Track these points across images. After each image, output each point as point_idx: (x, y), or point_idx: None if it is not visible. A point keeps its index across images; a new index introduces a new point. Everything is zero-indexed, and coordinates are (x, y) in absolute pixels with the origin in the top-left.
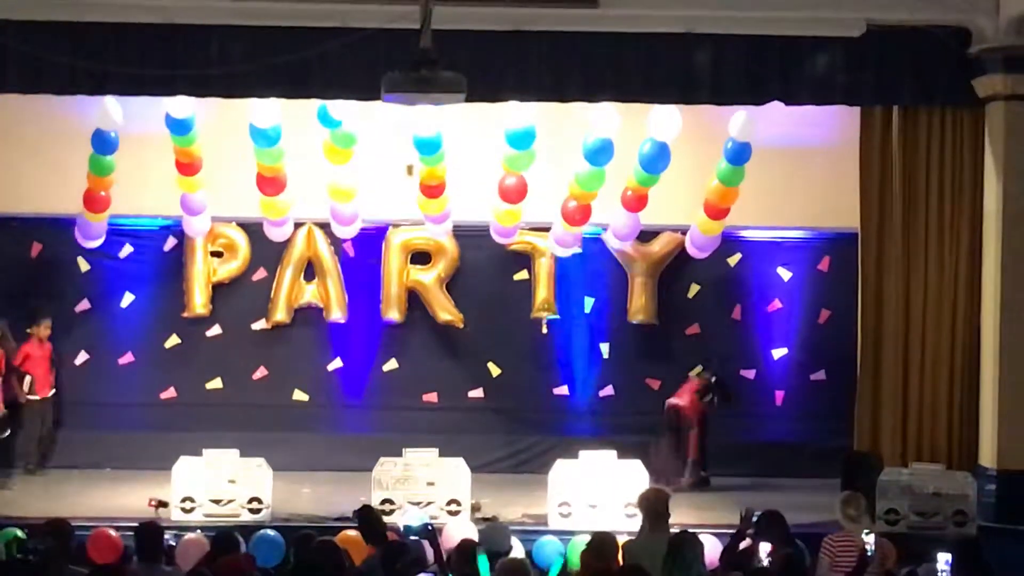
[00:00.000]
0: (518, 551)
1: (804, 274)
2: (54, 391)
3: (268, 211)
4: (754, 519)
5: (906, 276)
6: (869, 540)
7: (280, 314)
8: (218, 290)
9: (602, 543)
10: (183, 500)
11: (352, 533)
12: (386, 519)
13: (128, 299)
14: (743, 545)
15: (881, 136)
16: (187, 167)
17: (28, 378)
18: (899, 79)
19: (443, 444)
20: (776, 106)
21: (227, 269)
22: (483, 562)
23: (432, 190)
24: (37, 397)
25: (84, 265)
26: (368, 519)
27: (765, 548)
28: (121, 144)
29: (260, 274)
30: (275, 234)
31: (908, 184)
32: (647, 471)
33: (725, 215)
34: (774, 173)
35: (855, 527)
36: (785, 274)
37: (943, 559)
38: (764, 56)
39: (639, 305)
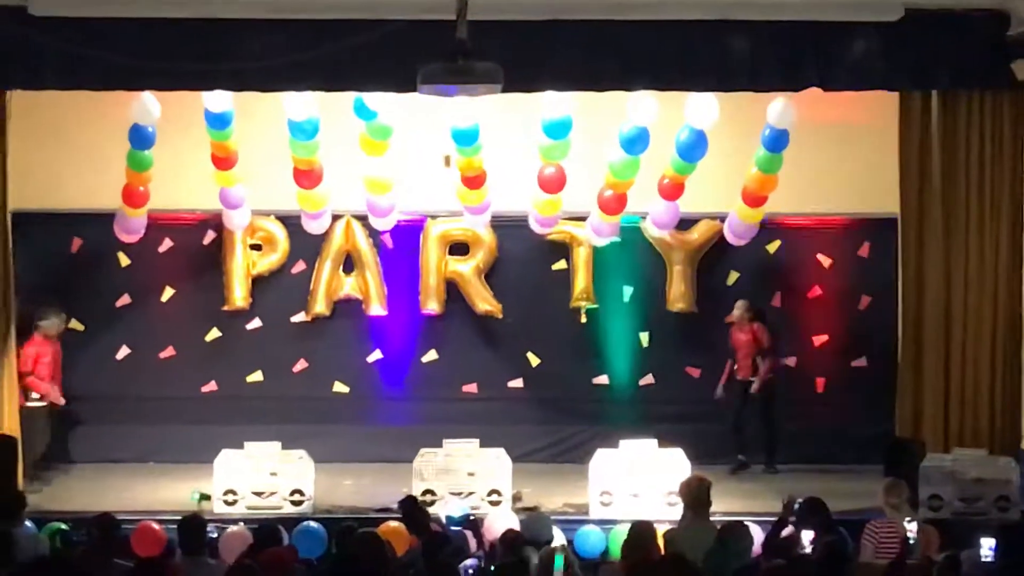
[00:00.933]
0: (559, 540)
1: (844, 260)
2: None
3: (305, 204)
4: (796, 507)
5: (946, 261)
6: (911, 528)
7: (320, 306)
8: (258, 283)
9: (639, 533)
10: (225, 493)
11: (394, 524)
12: (428, 510)
13: (168, 293)
14: (785, 533)
15: (920, 120)
16: (223, 161)
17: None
18: (937, 63)
19: (483, 434)
20: (814, 92)
21: (266, 262)
22: (559, 561)
23: (471, 181)
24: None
25: (124, 260)
26: (412, 510)
27: (808, 536)
28: (159, 139)
29: (299, 267)
30: (313, 227)
31: (947, 169)
32: None
33: (763, 203)
34: (813, 159)
35: (898, 514)
36: (825, 260)
37: (987, 544)
38: (801, 42)
39: (678, 293)
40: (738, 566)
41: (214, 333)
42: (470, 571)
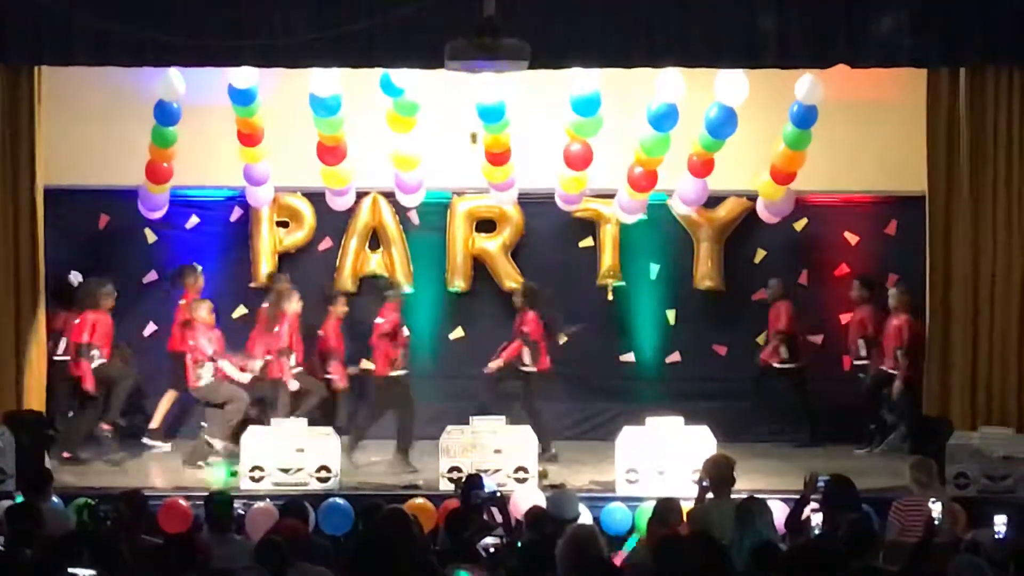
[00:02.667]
0: (586, 518)
1: (871, 238)
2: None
3: (330, 180)
4: (819, 484)
5: (974, 238)
6: (936, 508)
7: (346, 283)
8: (284, 260)
9: (666, 509)
10: (252, 469)
11: (420, 501)
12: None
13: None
14: (808, 510)
15: (948, 97)
16: (249, 138)
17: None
18: (966, 39)
19: (510, 412)
20: (842, 68)
21: (293, 239)
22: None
23: (497, 158)
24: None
25: (151, 236)
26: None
27: (818, 517)
28: (184, 115)
29: (326, 244)
30: (337, 203)
31: (976, 145)
32: None
33: (792, 179)
34: (841, 136)
35: (925, 492)
36: (852, 238)
37: (1000, 521)
38: (830, 18)
39: (705, 271)
40: (755, 542)
41: (241, 310)
42: (491, 549)
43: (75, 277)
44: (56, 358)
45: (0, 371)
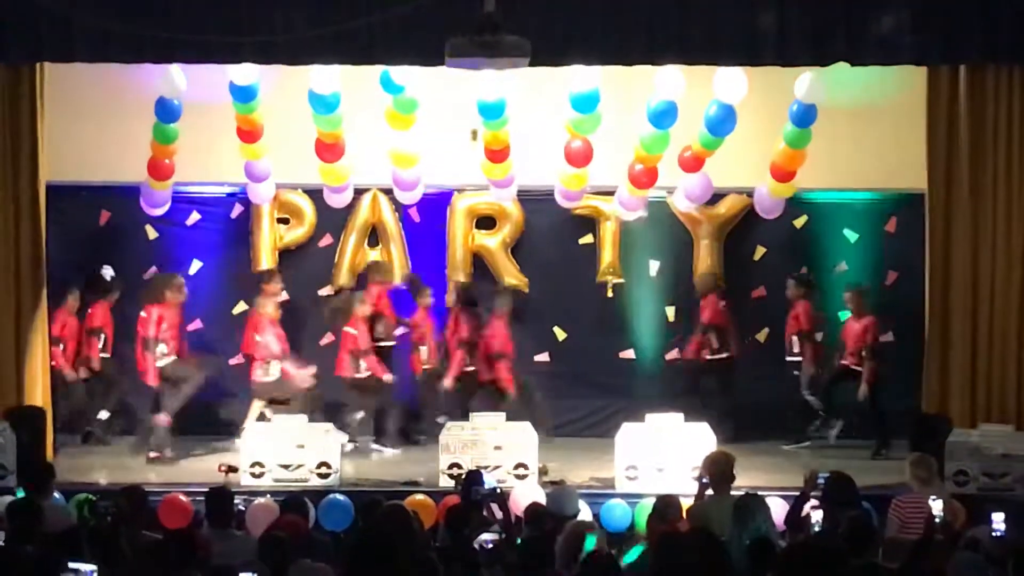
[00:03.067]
0: (585, 514)
1: (871, 236)
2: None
3: (328, 177)
4: (819, 481)
5: (974, 236)
6: (937, 506)
7: (343, 279)
8: (285, 256)
9: (666, 505)
10: (252, 465)
11: (420, 497)
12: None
13: (196, 266)
14: (808, 507)
15: (948, 96)
16: (249, 134)
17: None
18: (966, 38)
19: (510, 408)
20: (842, 67)
21: (293, 235)
22: (590, 541)
23: (496, 155)
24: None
25: (152, 233)
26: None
27: (818, 514)
28: (185, 112)
29: (326, 240)
30: (335, 200)
31: (975, 144)
32: None
33: (792, 177)
34: (840, 134)
35: (925, 489)
36: (852, 236)
37: (998, 519)
38: (829, 16)
39: (705, 268)
40: (752, 538)
41: (241, 306)
42: (488, 545)
43: (107, 272)
44: (103, 356)
45: (1, 367)
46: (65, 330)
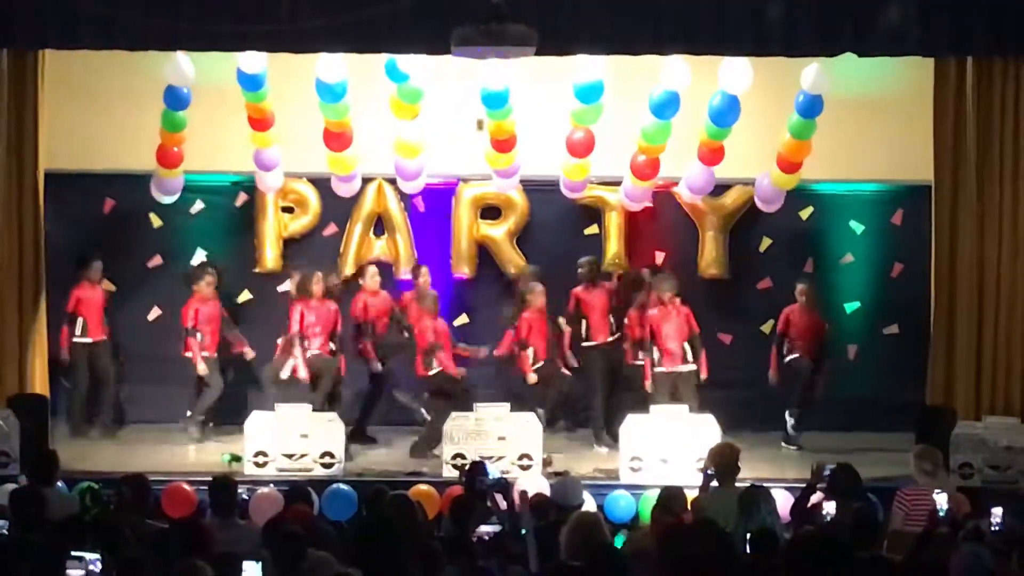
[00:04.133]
0: (590, 505)
1: (877, 227)
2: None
3: (335, 166)
4: (825, 473)
5: (980, 229)
6: (941, 499)
7: (349, 269)
8: (289, 245)
9: (670, 497)
10: (256, 455)
11: (424, 487)
12: (457, 474)
13: (200, 255)
14: (814, 499)
15: (955, 87)
16: (259, 122)
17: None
18: (973, 29)
19: (514, 399)
20: (848, 58)
21: (298, 224)
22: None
23: (501, 144)
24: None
25: (156, 221)
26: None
27: (831, 504)
28: (193, 100)
29: (331, 229)
30: (343, 189)
31: (982, 136)
32: None
33: (797, 169)
34: (846, 126)
35: (930, 481)
36: (858, 227)
37: (997, 513)
38: (836, 7)
39: (710, 259)
40: (754, 529)
41: (245, 295)
42: (487, 536)
43: (200, 255)
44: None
45: (3, 355)
46: (81, 305)
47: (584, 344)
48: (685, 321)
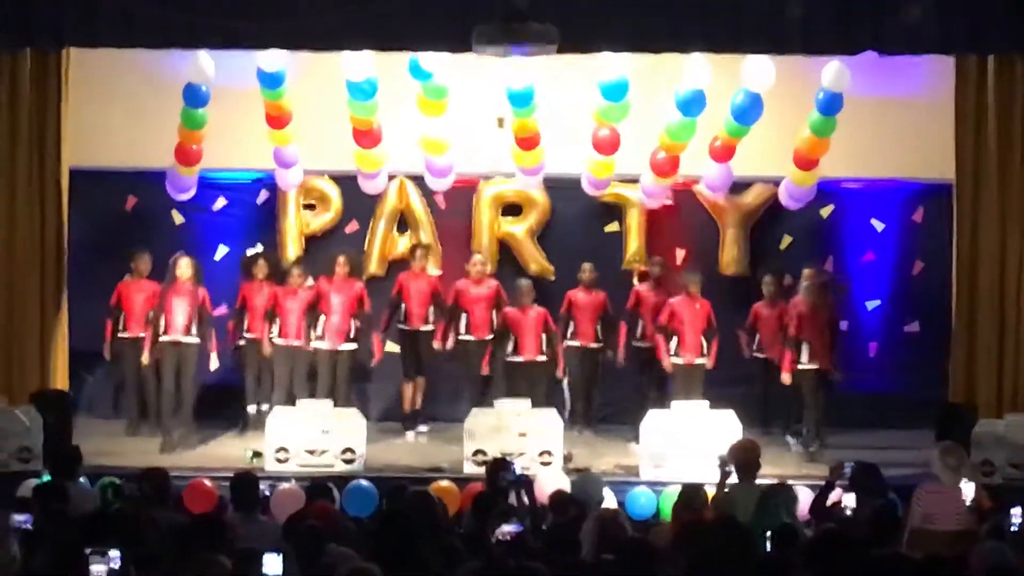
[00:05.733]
0: (610, 502)
1: (898, 225)
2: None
3: (363, 164)
4: (846, 471)
5: (1002, 226)
6: (969, 489)
7: (374, 267)
8: (311, 242)
9: (692, 494)
10: (278, 450)
11: (445, 483)
12: (478, 470)
13: (222, 251)
14: (833, 497)
15: (976, 85)
16: (277, 120)
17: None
18: (995, 27)
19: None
20: (870, 56)
21: (320, 221)
22: None
23: (526, 142)
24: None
25: (178, 218)
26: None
27: (851, 498)
28: (213, 97)
29: (352, 226)
30: (369, 187)
31: (1003, 133)
32: None
33: (815, 166)
34: (868, 123)
35: (955, 477)
36: (878, 225)
37: (1016, 513)
38: (857, 5)
39: (731, 257)
40: (774, 526)
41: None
42: (507, 536)
43: (252, 249)
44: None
45: (26, 351)
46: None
47: (568, 343)
48: (705, 315)
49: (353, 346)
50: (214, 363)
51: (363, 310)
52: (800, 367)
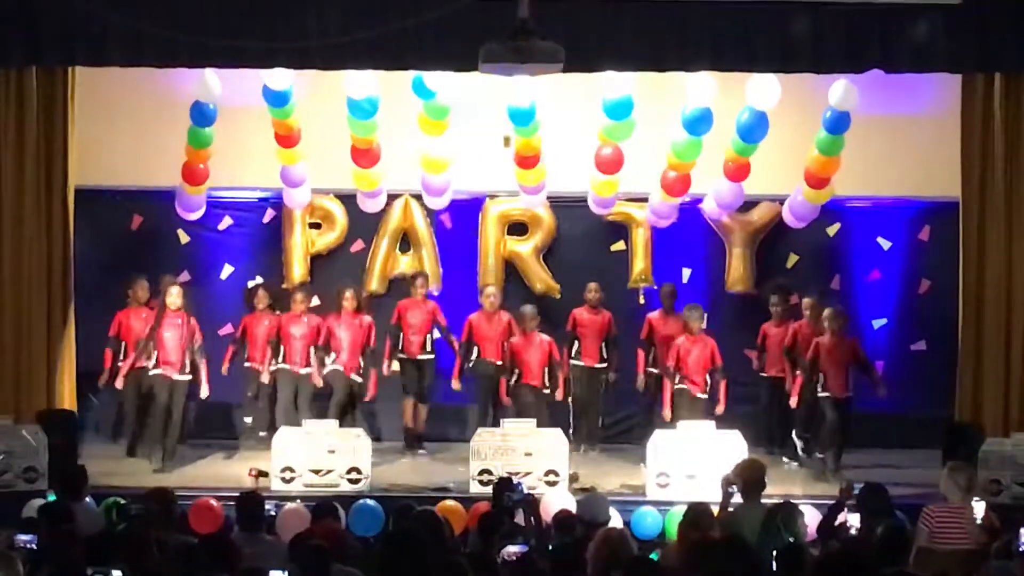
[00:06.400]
0: (616, 521)
1: (904, 244)
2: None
3: (361, 183)
4: (855, 491)
5: (1008, 245)
6: (980, 508)
7: (375, 284)
8: (316, 261)
9: (699, 514)
10: (283, 470)
11: (451, 503)
12: (484, 490)
13: (227, 271)
14: (842, 517)
15: (983, 104)
16: (286, 139)
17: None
18: (1001, 45)
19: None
20: (876, 74)
21: (325, 240)
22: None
23: (527, 161)
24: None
25: (184, 237)
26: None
27: (856, 517)
28: (219, 117)
29: (357, 245)
30: (368, 205)
31: (1010, 152)
32: None
33: (825, 184)
34: (874, 141)
35: (965, 496)
36: (885, 244)
37: None
38: (863, 23)
39: (737, 275)
40: (781, 545)
41: None
42: (513, 556)
43: (252, 281)
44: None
45: (32, 370)
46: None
47: (572, 362)
48: (710, 353)
49: (360, 380)
50: (204, 391)
51: (370, 346)
52: (820, 395)
